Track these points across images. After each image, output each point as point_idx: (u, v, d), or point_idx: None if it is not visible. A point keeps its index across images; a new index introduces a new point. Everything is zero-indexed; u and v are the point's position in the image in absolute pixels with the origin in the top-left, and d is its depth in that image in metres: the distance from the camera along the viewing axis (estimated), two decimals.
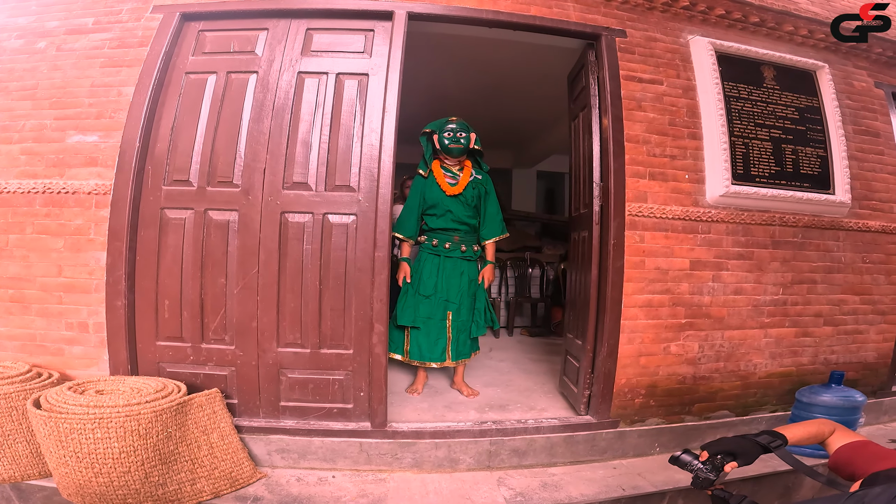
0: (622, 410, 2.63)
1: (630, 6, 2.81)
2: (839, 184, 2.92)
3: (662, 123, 2.72)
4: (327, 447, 2.36)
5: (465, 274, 3.00)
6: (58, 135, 2.47)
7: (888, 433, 2.96)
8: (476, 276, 3.06)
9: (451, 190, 2.95)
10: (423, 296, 2.93)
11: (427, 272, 2.96)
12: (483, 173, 3.11)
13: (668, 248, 2.66)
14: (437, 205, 2.97)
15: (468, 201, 2.99)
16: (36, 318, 2.42)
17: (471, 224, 3.04)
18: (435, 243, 2.99)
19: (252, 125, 2.48)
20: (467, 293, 3.00)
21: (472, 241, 3.07)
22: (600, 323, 2.64)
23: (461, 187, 2.96)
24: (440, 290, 2.94)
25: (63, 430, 1.82)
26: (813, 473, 1.28)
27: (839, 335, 3.00)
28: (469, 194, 2.98)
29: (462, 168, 3.02)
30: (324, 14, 2.60)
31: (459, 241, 3.01)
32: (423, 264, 2.99)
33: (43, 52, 2.57)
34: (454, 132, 2.92)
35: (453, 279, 2.97)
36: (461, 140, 2.92)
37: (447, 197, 2.95)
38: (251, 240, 2.44)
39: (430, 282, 2.94)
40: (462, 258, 3.01)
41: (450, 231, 3.00)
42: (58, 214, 2.42)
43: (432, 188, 2.97)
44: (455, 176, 2.99)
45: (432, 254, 3.00)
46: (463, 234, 3.02)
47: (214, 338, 2.46)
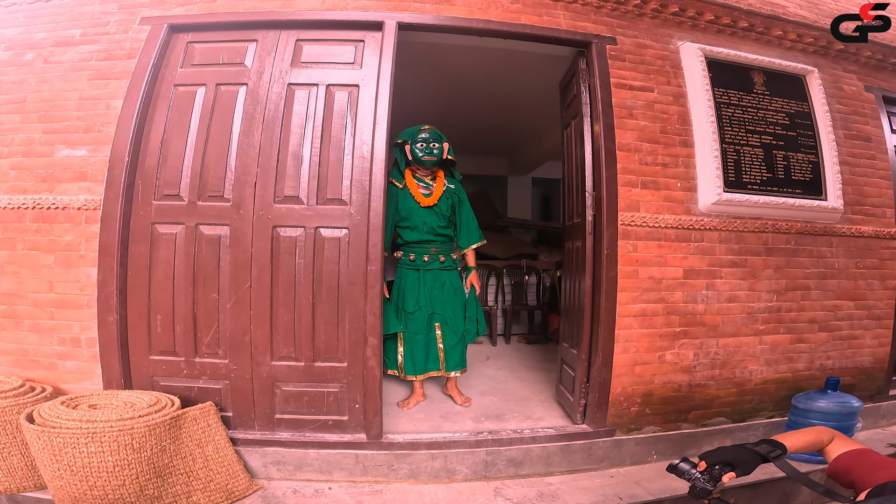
0: (618, 419, 2.63)
1: (620, 13, 2.81)
2: (831, 189, 2.92)
3: (654, 131, 2.72)
4: (323, 459, 2.35)
5: (447, 284, 2.99)
6: (46, 149, 2.46)
7: (886, 437, 2.96)
8: (459, 284, 3.05)
9: (425, 201, 2.92)
10: (408, 312, 2.91)
11: (409, 288, 2.95)
12: (455, 182, 3.08)
13: (662, 257, 2.66)
14: (411, 217, 2.94)
15: (442, 212, 2.96)
16: (28, 333, 2.41)
17: (446, 234, 3.01)
18: (412, 258, 2.97)
19: (242, 138, 2.47)
20: (452, 303, 2.99)
21: (450, 250, 3.05)
22: (595, 332, 2.63)
23: (435, 198, 2.93)
24: (424, 305, 2.92)
25: (56, 444, 1.82)
26: (812, 484, 1.27)
27: (834, 341, 3.00)
28: (444, 205, 2.96)
29: (435, 178, 2.99)
30: (313, 25, 2.59)
31: (437, 253, 2.98)
32: (403, 280, 2.98)
33: (30, 64, 2.56)
34: (427, 142, 2.87)
35: (436, 291, 2.96)
36: (434, 151, 2.89)
37: (421, 208, 2.93)
38: (243, 254, 2.43)
39: (411, 298, 2.93)
40: (442, 269, 2.99)
41: (425, 243, 2.97)
42: (48, 230, 2.41)
43: (406, 199, 2.93)
44: (429, 186, 2.96)
45: (411, 269, 2.98)
46: (439, 245, 3.00)
47: (208, 352, 2.44)
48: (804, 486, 1.28)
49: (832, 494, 1.22)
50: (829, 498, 1.24)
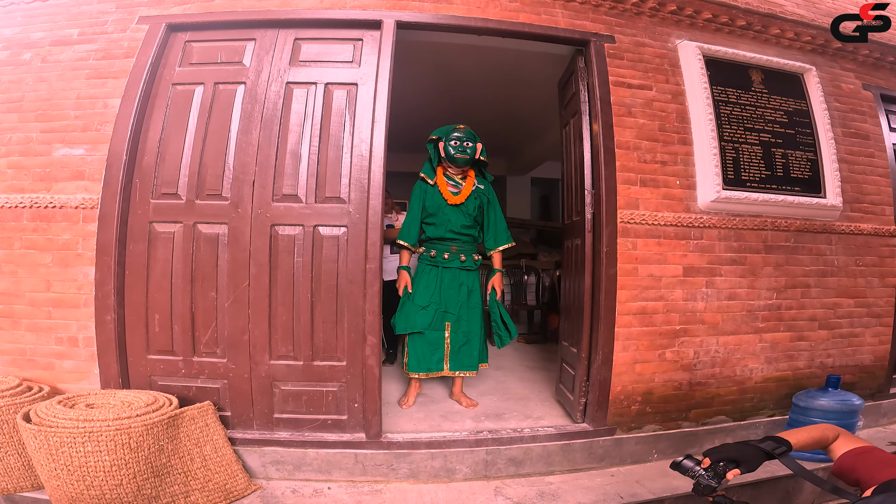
0: (619, 418, 2.62)
1: (618, 11, 2.81)
2: (830, 187, 2.93)
3: (652, 129, 2.72)
4: (322, 458, 2.34)
5: (464, 285, 2.97)
6: (44, 148, 2.45)
7: (888, 436, 2.95)
8: (477, 287, 3.02)
9: (453, 199, 2.91)
10: (420, 306, 2.89)
11: (424, 283, 2.93)
12: (486, 183, 3.06)
13: (661, 254, 2.65)
14: (437, 213, 2.93)
15: (469, 211, 2.95)
16: (26, 332, 2.40)
17: (470, 234, 3.00)
18: (433, 254, 2.95)
19: (240, 137, 2.47)
20: (467, 304, 2.96)
21: (472, 250, 3.02)
22: (594, 331, 2.62)
23: (463, 197, 2.92)
24: (437, 302, 2.90)
25: (53, 443, 1.81)
26: (818, 481, 1.25)
27: (834, 339, 3.00)
28: (471, 205, 2.95)
29: (465, 177, 2.98)
30: (312, 24, 2.59)
31: (458, 251, 2.96)
32: (420, 276, 2.96)
33: (28, 63, 2.56)
34: (461, 141, 2.87)
35: (451, 290, 2.94)
36: (467, 150, 2.88)
37: (448, 206, 2.92)
38: (241, 253, 2.42)
39: (426, 293, 2.91)
40: (461, 268, 2.97)
41: (447, 241, 2.96)
42: (45, 229, 2.40)
43: (434, 196, 2.93)
44: (458, 185, 2.96)
45: (430, 265, 2.96)
46: (461, 244, 2.98)
47: (206, 351, 2.43)
48: (810, 482, 1.25)
49: (839, 492, 1.20)
50: (835, 495, 1.21)
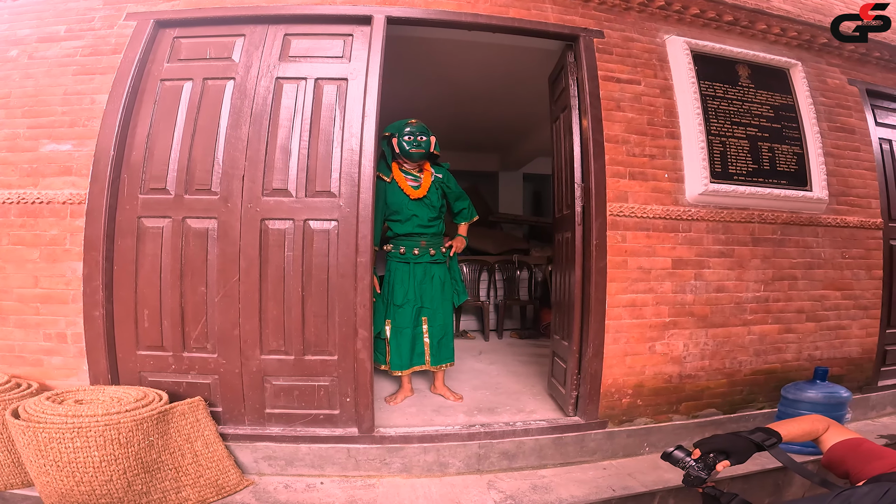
0: (610, 411, 2.63)
1: (607, 6, 2.83)
2: (816, 180, 2.96)
3: (641, 123, 2.74)
4: (315, 453, 2.34)
5: (436, 277, 2.99)
6: (31, 143, 2.43)
7: (876, 429, 2.96)
8: (448, 278, 3.05)
9: (414, 193, 2.92)
10: (396, 305, 2.91)
11: (398, 281, 2.94)
12: (442, 170, 3.08)
13: (650, 247, 2.67)
14: (401, 210, 2.94)
15: (433, 203, 2.97)
16: (14, 329, 2.38)
17: (437, 226, 3.02)
18: (403, 251, 2.97)
19: (230, 132, 2.46)
20: (441, 296, 2.99)
21: (440, 243, 3.04)
22: (585, 323, 2.64)
23: (425, 189, 2.94)
24: (413, 298, 2.92)
25: (42, 439, 1.80)
26: (807, 473, 1.26)
27: (822, 331, 3.03)
28: (434, 196, 2.97)
29: (422, 170, 2.99)
30: (302, 19, 2.58)
31: (427, 246, 2.98)
32: (393, 274, 2.97)
33: (15, 60, 2.54)
34: (414, 136, 2.88)
35: (426, 285, 2.96)
36: (422, 144, 2.89)
37: (411, 201, 2.93)
38: (231, 247, 2.41)
39: (400, 290, 2.93)
40: (432, 262, 2.99)
41: (415, 236, 2.97)
42: (33, 225, 2.38)
43: (394, 192, 2.93)
44: (417, 178, 2.96)
45: (401, 262, 2.98)
46: (430, 238, 2.99)
47: (196, 346, 2.42)
48: (799, 474, 1.26)
49: (828, 484, 1.20)
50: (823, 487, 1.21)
